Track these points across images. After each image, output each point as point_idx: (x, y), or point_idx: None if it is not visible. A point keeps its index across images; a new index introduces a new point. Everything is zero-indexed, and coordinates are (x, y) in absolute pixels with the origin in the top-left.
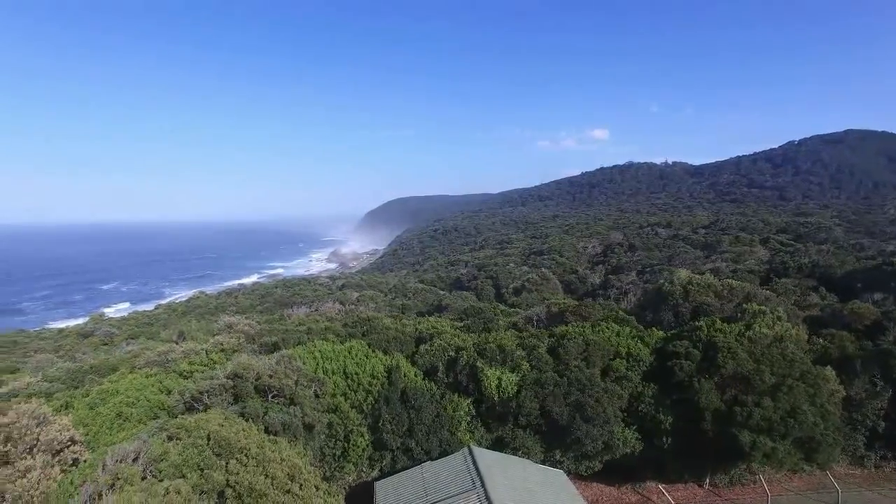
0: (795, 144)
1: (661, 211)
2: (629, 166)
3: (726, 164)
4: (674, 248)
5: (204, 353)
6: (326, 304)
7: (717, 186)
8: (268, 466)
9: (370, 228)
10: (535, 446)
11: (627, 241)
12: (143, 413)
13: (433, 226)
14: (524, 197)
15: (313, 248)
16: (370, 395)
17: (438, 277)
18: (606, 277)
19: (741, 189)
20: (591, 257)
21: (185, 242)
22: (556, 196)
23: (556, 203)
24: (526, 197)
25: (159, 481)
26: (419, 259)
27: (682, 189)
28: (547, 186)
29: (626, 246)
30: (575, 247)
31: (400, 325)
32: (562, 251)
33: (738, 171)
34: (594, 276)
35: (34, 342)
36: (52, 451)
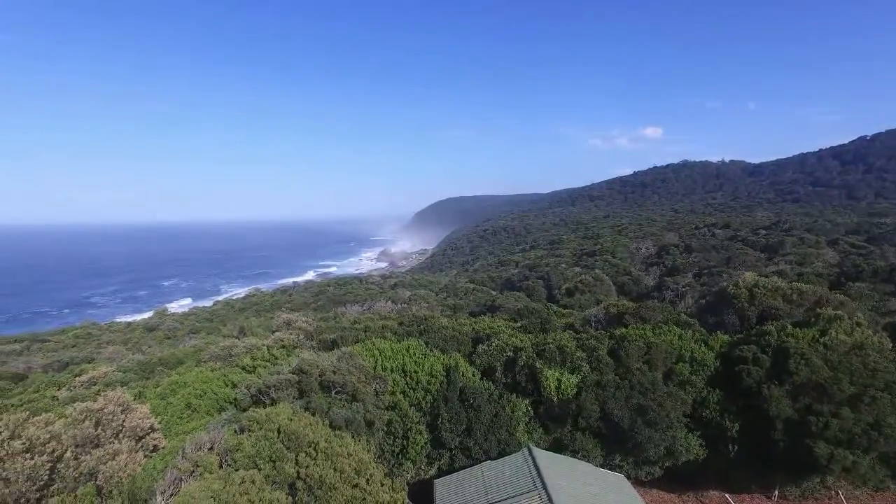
0: (868, 140)
1: (717, 211)
2: (683, 165)
3: (788, 161)
4: (732, 250)
5: (265, 348)
6: (379, 303)
7: (778, 185)
8: (336, 460)
9: (419, 228)
10: (594, 449)
11: (683, 243)
12: (211, 405)
13: (482, 226)
14: (574, 197)
15: (363, 247)
16: (429, 393)
17: (489, 277)
18: (661, 279)
19: (805, 188)
20: (644, 258)
21: (240, 241)
22: (607, 196)
23: (607, 203)
24: (576, 197)
25: (235, 471)
26: (469, 259)
27: (740, 188)
28: (598, 186)
29: (681, 247)
30: (628, 248)
31: (457, 325)
32: (614, 252)
33: (801, 170)
34: (648, 277)
35: (105, 334)
36: (135, 437)
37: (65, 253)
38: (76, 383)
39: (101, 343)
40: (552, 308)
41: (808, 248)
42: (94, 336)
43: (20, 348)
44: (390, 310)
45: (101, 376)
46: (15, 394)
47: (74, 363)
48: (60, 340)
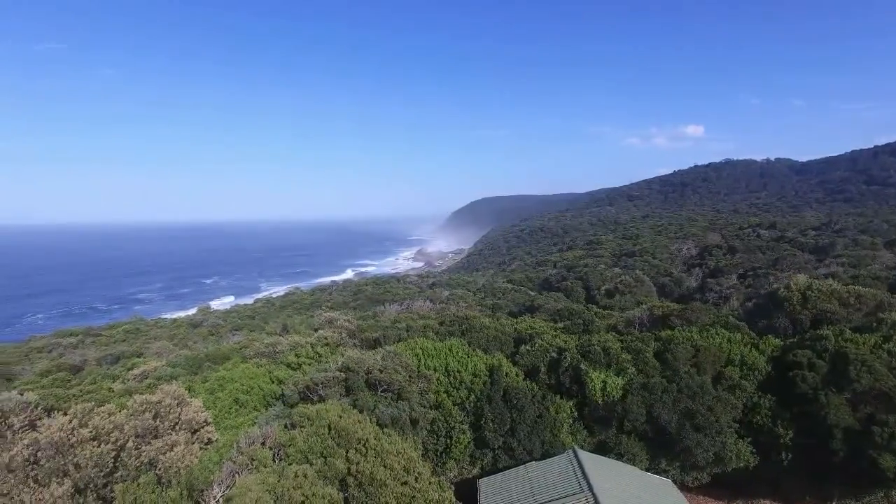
0: None
1: (761, 211)
2: (726, 164)
3: (839, 159)
4: (779, 251)
5: (309, 346)
6: (417, 302)
7: (828, 184)
8: (385, 458)
9: (455, 228)
10: (640, 453)
11: (726, 243)
12: (257, 400)
13: (519, 225)
14: (612, 196)
15: (400, 246)
16: (472, 393)
17: (527, 278)
18: (704, 281)
19: (858, 187)
20: (685, 259)
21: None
22: (645, 196)
23: (646, 203)
24: (614, 196)
25: (288, 465)
26: (505, 259)
27: (786, 187)
28: (636, 185)
29: (724, 248)
30: (668, 248)
31: (498, 325)
32: (654, 253)
33: (853, 167)
34: (690, 279)
35: (153, 330)
36: (191, 430)
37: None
38: (129, 376)
39: (149, 338)
40: (592, 309)
41: (862, 250)
42: (142, 331)
43: (75, 341)
44: (429, 309)
45: (152, 370)
46: (74, 384)
47: (125, 357)
48: (111, 335)
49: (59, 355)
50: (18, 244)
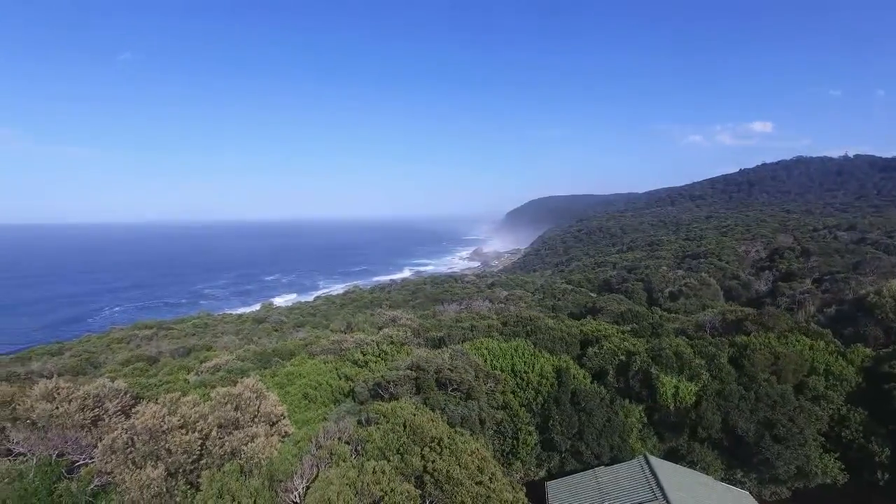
0: None
1: (838, 212)
2: (798, 161)
3: None
4: (860, 255)
5: (375, 344)
6: (476, 302)
7: None
8: (460, 457)
9: (512, 228)
10: (714, 462)
11: (799, 245)
12: (326, 396)
13: (576, 226)
14: (673, 196)
15: (456, 246)
16: (539, 394)
17: (586, 279)
18: (775, 285)
19: None
20: (753, 262)
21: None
22: (709, 195)
23: (709, 203)
24: (675, 196)
25: (366, 461)
26: (563, 259)
27: (868, 186)
28: (699, 185)
29: (797, 250)
30: (735, 250)
31: (564, 326)
32: (720, 255)
33: None
34: (759, 282)
35: (220, 325)
36: (269, 422)
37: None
38: (202, 369)
39: (217, 333)
40: (657, 312)
41: None
42: (210, 326)
43: (150, 334)
44: (488, 309)
45: (224, 364)
46: (151, 374)
47: (195, 350)
48: (182, 328)
49: (136, 346)
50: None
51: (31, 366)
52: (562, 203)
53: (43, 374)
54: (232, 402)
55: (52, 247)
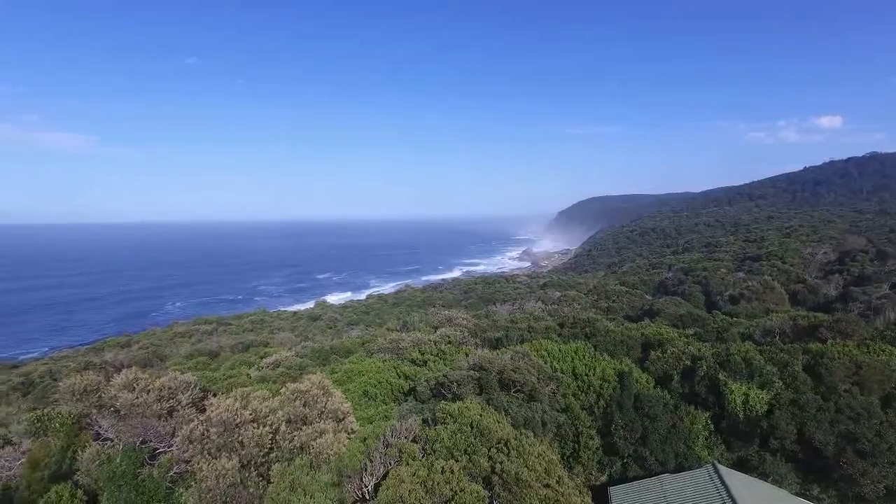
0: None
1: None
2: (871, 158)
3: None
4: None
5: (432, 343)
6: (529, 303)
7: None
8: (527, 459)
9: (562, 228)
10: (788, 475)
11: (874, 248)
12: (385, 394)
13: (629, 226)
14: (732, 196)
15: (505, 246)
16: (601, 398)
17: (641, 281)
18: (846, 289)
19: None
20: (821, 265)
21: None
22: (770, 195)
23: (770, 203)
24: (734, 196)
25: (435, 460)
26: (615, 260)
27: None
28: (759, 184)
29: (871, 253)
30: (800, 252)
31: (624, 329)
32: (783, 257)
33: None
34: (828, 286)
35: (276, 321)
36: (336, 419)
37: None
38: (262, 364)
39: (273, 329)
40: (717, 316)
41: None
42: (267, 322)
43: (210, 329)
44: (541, 310)
45: (283, 360)
46: (213, 368)
47: (253, 346)
48: (240, 324)
49: (197, 340)
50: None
51: (105, 356)
52: (614, 203)
53: (115, 364)
54: (300, 398)
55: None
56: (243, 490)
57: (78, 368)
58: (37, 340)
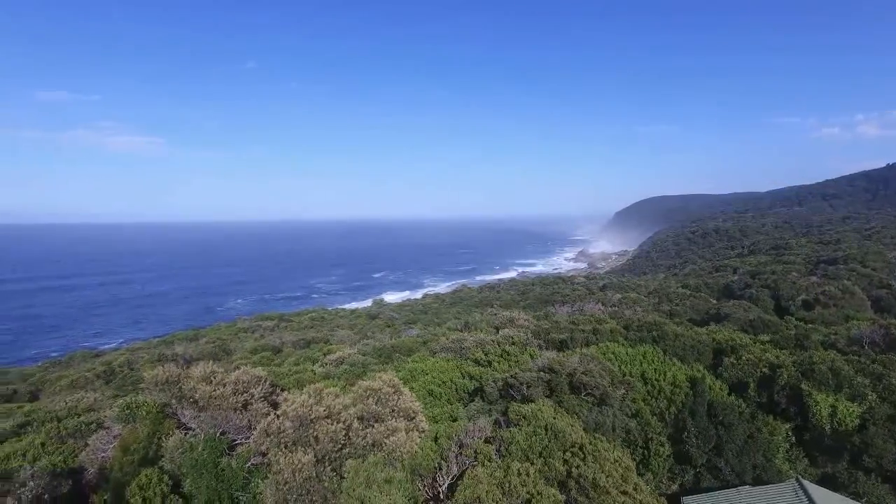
0: None
1: None
2: None
3: None
4: None
5: (496, 344)
6: (588, 305)
7: None
8: (603, 464)
9: (619, 229)
10: (885, 497)
11: None
12: (450, 394)
13: (690, 227)
14: (802, 195)
15: (561, 246)
16: (672, 404)
17: (704, 283)
18: None
19: None
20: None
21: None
22: (846, 194)
23: (846, 203)
24: (804, 195)
25: (511, 461)
26: (675, 262)
27: None
28: (833, 182)
29: None
30: (883, 255)
31: (693, 333)
32: (864, 260)
33: None
34: None
35: (335, 319)
36: (407, 417)
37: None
38: (326, 361)
39: (333, 326)
40: (791, 322)
41: None
42: (326, 320)
43: (272, 325)
44: (600, 312)
45: (346, 357)
46: (277, 363)
47: (314, 342)
48: (300, 321)
49: (260, 336)
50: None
51: (175, 349)
52: (673, 203)
53: (185, 356)
54: (372, 396)
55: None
56: (318, 484)
57: (152, 359)
58: (112, 333)
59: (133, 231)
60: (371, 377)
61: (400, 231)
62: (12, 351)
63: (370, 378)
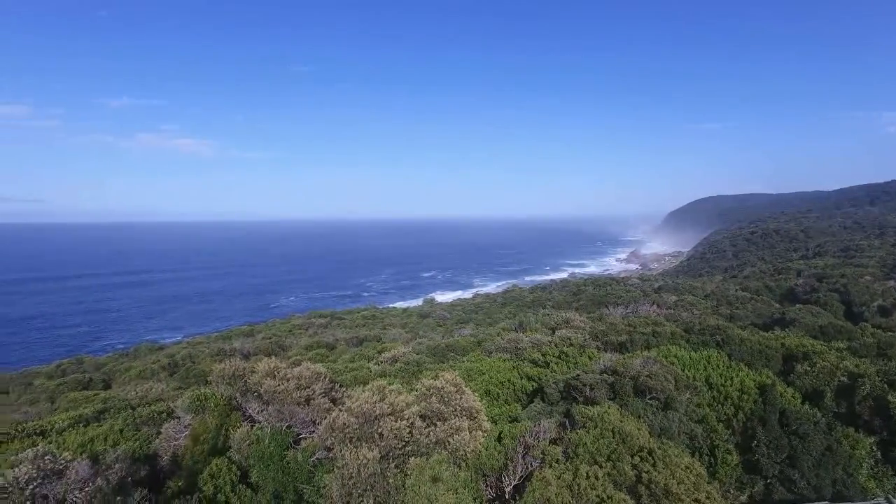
0: None
1: None
2: None
3: None
4: None
5: (553, 345)
6: (643, 307)
7: None
8: (674, 470)
9: (672, 229)
10: None
11: None
12: (508, 394)
13: (748, 227)
14: (874, 194)
15: (612, 247)
16: (740, 410)
17: (765, 286)
18: None
19: None
20: None
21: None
22: None
23: None
24: (877, 194)
25: (579, 464)
26: (732, 264)
27: None
28: None
29: None
30: None
31: (761, 338)
32: None
33: None
34: None
35: (387, 317)
36: (470, 417)
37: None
38: (381, 359)
39: (385, 325)
40: (867, 329)
41: None
42: (378, 318)
43: (324, 322)
44: (656, 314)
45: (401, 355)
46: (331, 360)
47: (367, 340)
48: (352, 319)
49: (314, 333)
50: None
51: (233, 344)
52: (730, 203)
53: (242, 351)
54: (436, 394)
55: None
56: (382, 480)
57: (211, 353)
58: (173, 328)
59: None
60: (430, 375)
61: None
62: (86, 342)
63: (426, 376)
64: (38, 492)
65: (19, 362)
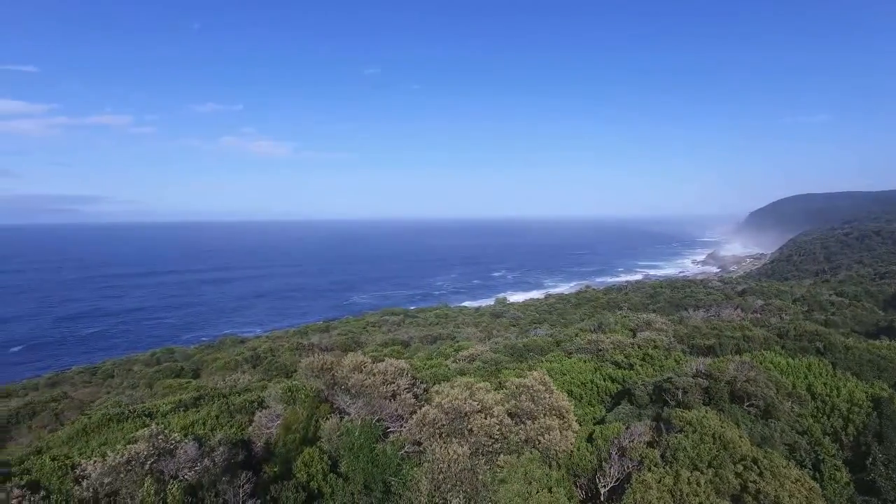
0: None
1: None
2: None
3: None
4: None
5: (637, 347)
6: (726, 310)
7: None
8: (783, 482)
9: (754, 230)
10: None
11: None
12: (592, 396)
13: (841, 228)
14: None
15: (688, 248)
16: (850, 424)
17: (865, 291)
18: None
19: None
20: None
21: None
22: None
23: None
24: None
25: (680, 469)
26: (824, 267)
27: None
28: None
29: None
30: None
31: (871, 346)
32: None
33: None
34: None
35: (459, 316)
36: (559, 416)
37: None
38: (459, 357)
39: (458, 324)
40: None
41: None
42: (450, 317)
43: (398, 320)
44: (739, 318)
45: (479, 354)
46: (406, 357)
47: (440, 339)
48: (425, 317)
49: (388, 330)
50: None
51: (311, 339)
52: (819, 202)
53: (320, 346)
54: (525, 392)
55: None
56: (472, 475)
57: (291, 348)
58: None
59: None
60: (515, 374)
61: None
62: (175, 334)
63: (507, 375)
64: (155, 467)
65: (122, 350)
